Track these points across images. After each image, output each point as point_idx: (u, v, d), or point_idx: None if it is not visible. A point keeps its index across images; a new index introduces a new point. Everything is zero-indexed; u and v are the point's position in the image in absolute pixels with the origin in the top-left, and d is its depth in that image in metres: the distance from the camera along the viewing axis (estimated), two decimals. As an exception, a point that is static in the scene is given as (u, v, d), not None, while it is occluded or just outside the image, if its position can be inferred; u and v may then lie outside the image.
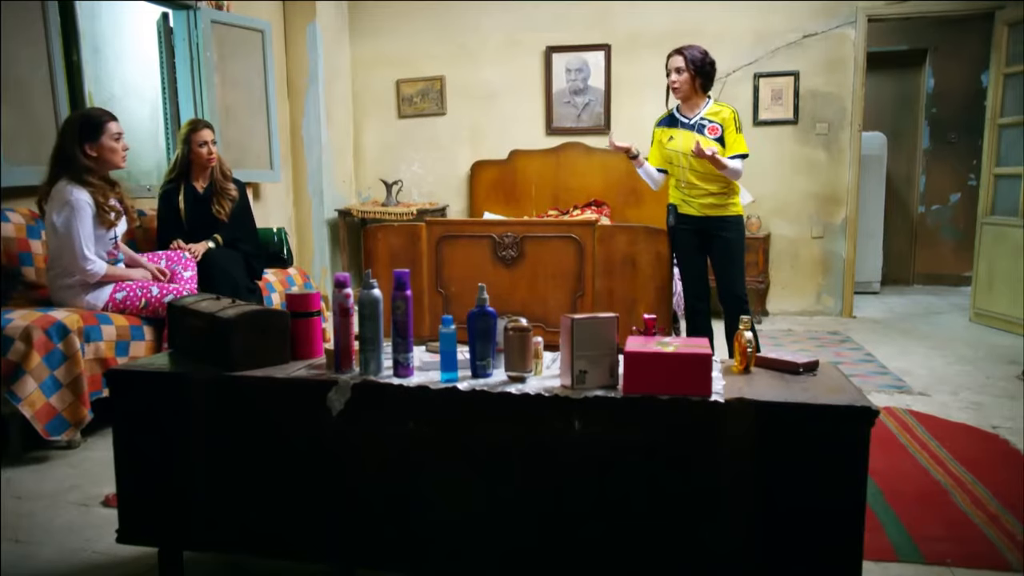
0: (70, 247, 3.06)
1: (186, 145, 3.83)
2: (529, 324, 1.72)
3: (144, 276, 3.36)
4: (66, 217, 3.04)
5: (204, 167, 3.89)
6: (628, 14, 5.81)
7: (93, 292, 3.19)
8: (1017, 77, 5.23)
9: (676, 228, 3.79)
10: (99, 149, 3.12)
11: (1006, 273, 5.24)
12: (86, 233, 3.07)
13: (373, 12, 6.22)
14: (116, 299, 3.22)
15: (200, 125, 3.85)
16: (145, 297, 3.25)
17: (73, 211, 3.04)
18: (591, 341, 1.63)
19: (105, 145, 3.12)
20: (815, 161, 5.70)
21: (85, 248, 3.07)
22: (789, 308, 5.87)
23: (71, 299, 3.17)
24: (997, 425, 3.32)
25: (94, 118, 3.14)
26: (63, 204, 3.04)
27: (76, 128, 3.10)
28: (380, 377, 1.76)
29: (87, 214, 3.07)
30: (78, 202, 3.05)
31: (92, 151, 3.11)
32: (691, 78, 3.60)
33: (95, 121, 3.12)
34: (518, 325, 1.70)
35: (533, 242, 4.00)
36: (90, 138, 3.09)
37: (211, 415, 1.82)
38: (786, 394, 1.60)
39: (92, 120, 3.12)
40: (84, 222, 3.06)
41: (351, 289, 1.80)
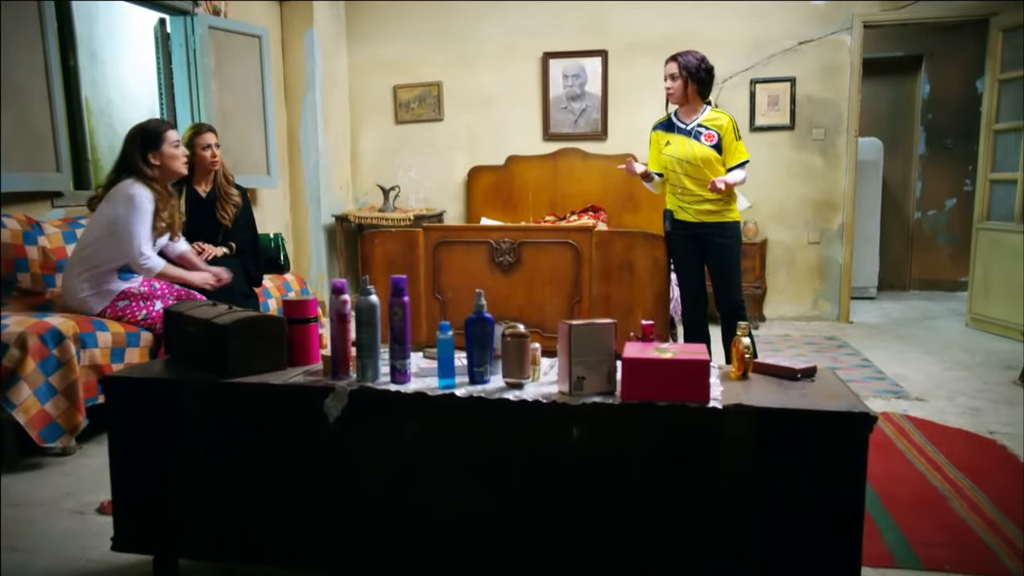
0: (127, 240, 3.07)
1: (189, 148, 3.83)
2: (527, 330, 1.72)
3: (204, 280, 3.37)
4: (127, 211, 3.07)
5: (207, 171, 3.87)
6: (625, 20, 5.82)
7: (97, 295, 3.17)
8: (1012, 83, 5.25)
9: (673, 234, 3.79)
10: (161, 157, 3.20)
11: (1002, 278, 5.25)
12: (145, 229, 3.11)
13: (370, 18, 6.23)
14: (118, 306, 3.21)
15: (203, 129, 3.85)
16: (146, 309, 3.25)
17: (135, 206, 3.07)
18: (589, 347, 1.63)
19: (166, 153, 3.21)
20: (812, 167, 5.71)
21: (143, 242, 3.10)
22: (786, 313, 5.87)
23: (78, 296, 3.15)
24: (994, 430, 3.32)
25: (153, 128, 3.24)
26: (126, 198, 3.09)
27: (138, 139, 3.19)
28: (377, 384, 1.76)
29: (147, 211, 3.12)
30: (141, 198, 3.10)
31: (155, 160, 3.19)
32: (684, 84, 3.61)
33: (155, 130, 3.23)
34: (516, 331, 1.69)
35: (530, 248, 4.00)
36: (152, 147, 3.18)
37: (207, 422, 1.82)
38: (784, 400, 1.60)
39: (152, 130, 3.23)
40: (144, 218, 3.10)
41: (348, 295, 1.79)
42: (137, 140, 3.18)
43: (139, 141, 3.17)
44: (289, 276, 4.68)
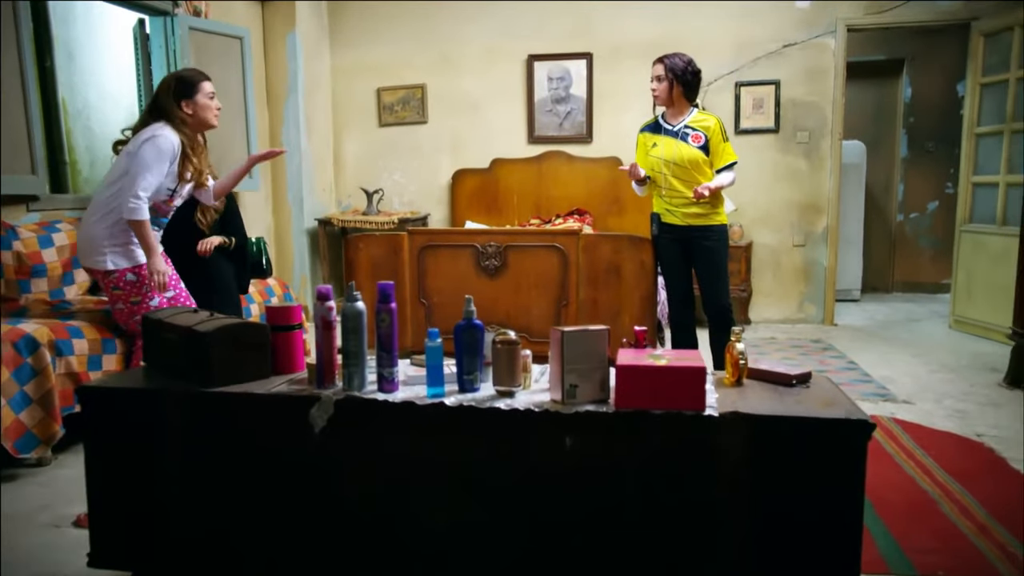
0: (132, 174, 2.88)
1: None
2: (517, 337, 1.68)
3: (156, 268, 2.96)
4: (146, 148, 2.88)
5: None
6: (610, 23, 5.81)
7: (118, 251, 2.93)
8: (993, 87, 5.29)
9: (660, 237, 3.77)
10: (194, 106, 3.06)
11: (985, 281, 5.28)
12: (155, 172, 2.89)
13: (354, 20, 6.17)
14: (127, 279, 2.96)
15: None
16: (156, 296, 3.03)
17: (156, 146, 2.90)
18: (582, 354, 1.59)
19: (200, 103, 3.06)
20: (796, 170, 5.72)
21: (142, 183, 2.86)
22: (771, 316, 5.87)
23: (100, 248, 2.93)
24: (982, 433, 3.32)
25: (189, 76, 3.12)
26: (150, 137, 2.92)
27: (172, 85, 3.06)
28: (364, 393, 1.71)
29: (166, 157, 2.93)
30: (165, 140, 2.93)
31: (187, 108, 3.06)
32: (670, 86, 3.59)
33: (190, 79, 3.10)
34: (506, 338, 1.65)
35: (516, 252, 3.96)
36: (186, 95, 3.03)
37: (187, 433, 1.76)
38: (780, 407, 1.57)
39: (188, 78, 3.10)
40: (159, 160, 2.90)
41: (334, 302, 1.74)
42: (171, 86, 3.03)
43: (174, 87, 3.03)
44: (272, 281, 4.62)
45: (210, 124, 3.15)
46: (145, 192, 2.89)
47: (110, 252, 2.94)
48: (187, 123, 3.05)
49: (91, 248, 2.97)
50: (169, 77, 3.12)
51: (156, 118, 3.02)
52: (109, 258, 2.94)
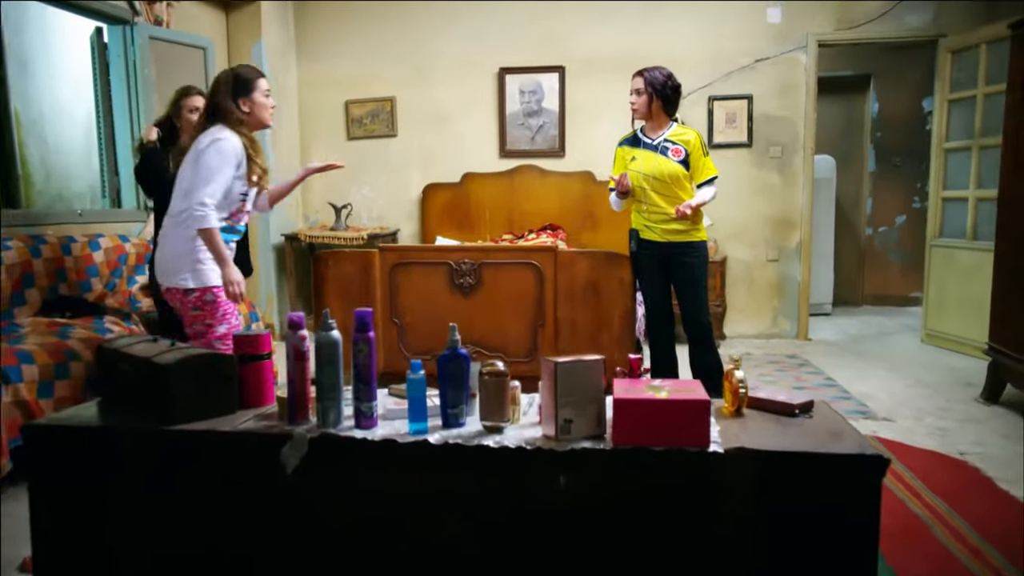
0: (197, 180, 2.71)
1: (175, 109, 3.52)
2: (506, 367, 1.56)
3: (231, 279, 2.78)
4: (207, 153, 2.72)
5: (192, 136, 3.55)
6: (583, 36, 5.76)
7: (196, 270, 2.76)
8: (961, 103, 5.33)
9: (639, 254, 3.69)
10: (252, 105, 2.89)
11: (956, 295, 5.30)
12: (217, 180, 2.73)
13: (322, 31, 6.04)
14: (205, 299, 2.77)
15: (192, 91, 3.54)
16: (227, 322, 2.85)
17: (218, 150, 2.74)
18: (576, 387, 1.49)
19: (258, 101, 2.90)
20: (769, 184, 5.71)
21: (207, 190, 2.70)
22: (746, 331, 5.84)
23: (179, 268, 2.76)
24: (965, 451, 3.28)
25: (246, 73, 2.93)
26: (211, 140, 2.75)
27: (230, 83, 2.88)
28: (340, 429, 1.58)
29: (231, 160, 2.78)
30: (227, 143, 2.76)
31: (245, 106, 2.88)
32: (649, 100, 3.53)
33: (247, 76, 2.92)
34: (494, 369, 1.54)
35: (491, 269, 3.85)
36: (244, 93, 2.87)
37: (145, 474, 1.61)
38: (787, 441, 1.48)
39: (244, 75, 2.92)
40: (223, 167, 2.74)
41: (306, 330, 1.61)
42: (229, 84, 2.86)
43: (231, 86, 2.86)
44: (236, 299, 4.43)
45: (267, 123, 2.99)
46: (211, 199, 2.72)
47: (190, 269, 2.77)
48: (245, 123, 2.89)
49: (170, 266, 2.81)
50: (225, 75, 2.93)
51: (214, 120, 2.86)
52: (190, 276, 2.77)
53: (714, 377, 3.73)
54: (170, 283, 2.82)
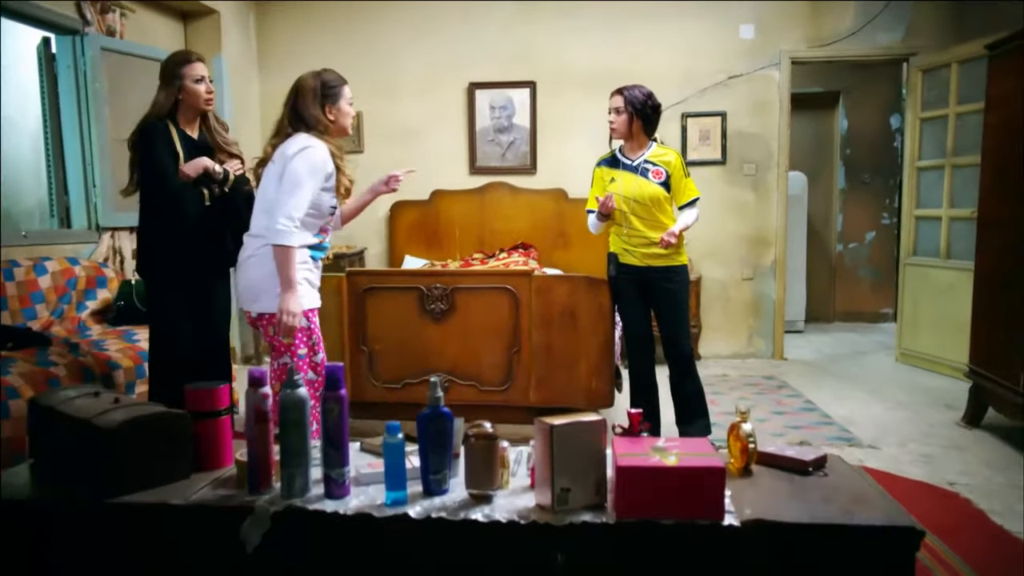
0: (281, 195, 2.50)
1: (176, 80, 2.98)
2: (493, 429, 1.40)
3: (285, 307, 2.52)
4: (296, 162, 2.52)
5: (197, 111, 3.05)
6: (554, 51, 5.64)
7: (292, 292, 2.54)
8: (933, 122, 5.32)
9: (618, 279, 3.56)
10: (337, 113, 2.71)
11: (930, 314, 5.27)
12: (305, 191, 2.53)
13: (285, 44, 5.83)
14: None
15: (193, 57, 3.05)
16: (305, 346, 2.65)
17: (308, 159, 2.53)
18: (575, 452, 1.33)
19: (343, 109, 2.73)
20: (744, 202, 5.64)
21: (294, 202, 2.49)
22: (721, 351, 5.75)
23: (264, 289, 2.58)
24: (953, 481, 3.20)
25: (333, 79, 2.73)
26: (301, 148, 2.55)
27: (318, 89, 2.68)
28: (308, 500, 1.41)
29: (320, 171, 2.58)
30: (317, 152, 2.57)
31: (331, 114, 2.69)
32: (629, 120, 3.41)
33: (334, 82, 2.72)
34: (482, 432, 1.38)
35: (464, 294, 3.69)
36: (331, 99, 2.69)
37: (84, 554, 1.42)
38: (807, 509, 1.34)
39: (331, 81, 2.72)
40: (312, 178, 2.55)
41: (269, 387, 1.44)
42: (317, 91, 2.67)
43: (319, 92, 2.67)
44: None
45: (347, 132, 2.81)
46: (298, 213, 2.52)
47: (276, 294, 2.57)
48: (330, 131, 2.69)
49: (257, 289, 2.61)
50: (311, 79, 2.72)
51: (297, 127, 2.65)
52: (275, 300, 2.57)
53: (695, 403, 3.62)
54: (258, 308, 2.62)
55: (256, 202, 2.73)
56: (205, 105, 3.04)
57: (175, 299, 3.00)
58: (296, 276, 2.55)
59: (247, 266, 2.67)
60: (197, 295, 3.07)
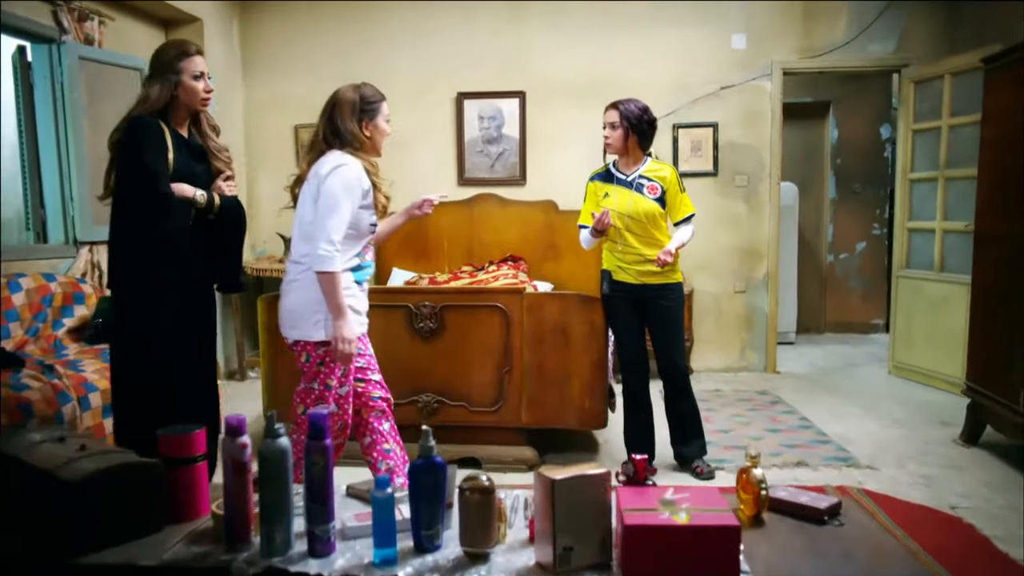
0: (319, 218, 2.41)
1: (173, 75, 2.62)
2: (490, 481, 1.31)
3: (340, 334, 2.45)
4: (330, 182, 2.42)
5: (190, 109, 2.70)
6: (544, 61, 5.56)
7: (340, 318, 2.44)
8: (925, 133, 5.28)
9: (611, 296, 3.47)
10: (374, 130, 2.61)
11: (924, 327, 5.22)
12: (342, 212, 2.43)
13: (270, 52, 5.72)
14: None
15: (192, 49, 2.69)
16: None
17: (341, 178, 2.43)
18: (578, 507, 1.24)
19: (380, 127, 2.64)
20: (736, 214, 5.58)
21: (333, 225, 2.40)
22: (713, 365, 5.68)
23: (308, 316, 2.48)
24: (955, 505, 3.13)
25: (371, 95, 2.64)
26: (333, 167, 2.45)
27: (357, 104, 2.58)
28: (290, 560, 1.30)
29: (356, 188, 2.48)
30: (350, 169, 2.47)
31: (367, 130, 2.59)
32: (625, 134, 3.33)
33: (372, 98, 2.63)
34: (478, 484, 1.28)
35: (454, 312, 3.59)
36: (368, 115, 2.59)
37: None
38: (828, 568, 1.26)
39: (370, 96, 2.63)
40: (348, 197, 2.44)
41: (248, 436, 1.33)
42: (355, 105, 2.58)
43: (357, 106, 2.58)
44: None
45: (380, 152, 2.70)
46: (338, 235, 2.41)
47: (325, 317, 2.47)
48: (365, 148, 2.59)
49: (298, 315, 2.51)
50: (350, 92, 2.61)
51: (332, 143, 2.55)
52: (324, 325, 2.47)
53: (690, 423, 3.54)
54: (296, 335, 2.52)
55: (294, 225, 2.62)
56: (202, 105, 2.70)
57: (162, 315, 2.60)
58: (344, 302, 2.46)
59: (288, 291, 2.58)
60: (185, 312, 2.70)
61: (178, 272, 2.64)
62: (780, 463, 3.64)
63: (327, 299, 2.44)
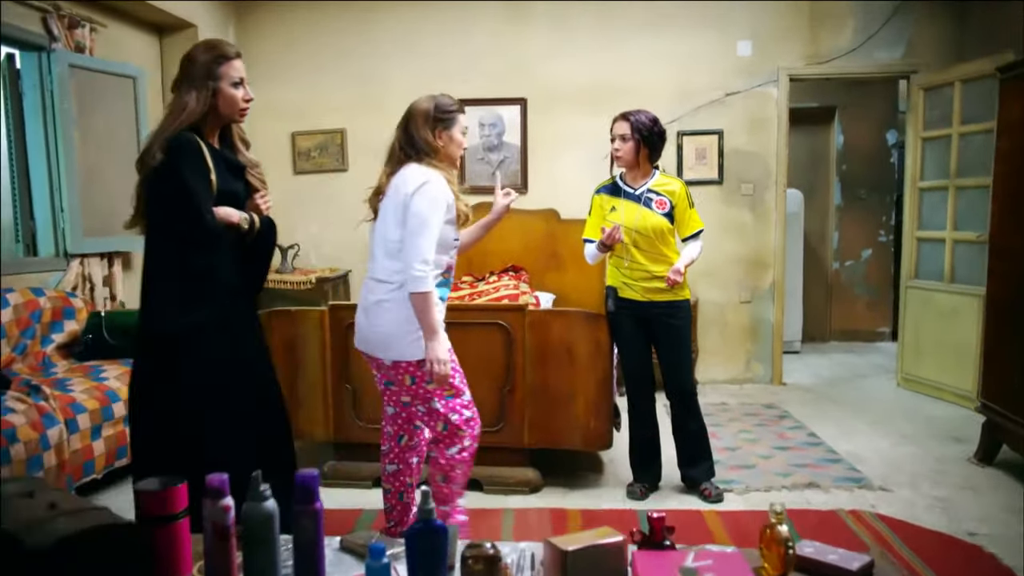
0: (410, 237, 2.36)
1: (211, 81, 2.27)
2: (494, 549, 1.20)
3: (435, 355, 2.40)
4: (417, 200, 2.37)
5: (228, 121, 2.39)
6: (545, 67, 5.46)
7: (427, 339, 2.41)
8: (935, 141, 5.17)
9: (617, 314, 3.37)
10: (449, 140, 2.53)
11: (933, 338, 5.12)
12: (433, 229, 2.39)
13: (266, 58, 5.61)
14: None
15: (231, 52, 2.35)
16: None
17: (428, 195, 2.38)
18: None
19: (456, 138, 2.55)
20: (741, 223, 5.47)
21: (426, 243, 2.36)
22: (718, 376, 5.57)
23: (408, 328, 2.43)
24: (974, 532, 3.02)
25: (447, 104, 2.55)
26: (420, 183, 2.39)
27: (431, 114, 2.51)
28: (277, 635, 1.20)
29: (442, 204, 2.43)
30: (435, 185, 2.41)
31: (441, 140, 2.52)
32: (636, 147, 3.22)
33: (448, 107, 2.54)
34: (482, 553, 1.17)
35: (454, 330, 3.42)
36: (444, 125, 2.52)
37: None
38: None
39: (446, 106, 2.54)
40: (435, 213, 2.40)
41: (231, 498, 1.23)
42: (429, 115, 2.51)
43: (431, 115, 2.50)
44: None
45: (456, 164, 2.62)
46: (430, 254, 2.38)
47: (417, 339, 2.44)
48: (439, 156, 2.51)
49: (394, 336, 2.46)
50: (425, 102, 2.53)
51: (408, 153, 2.48)
52: (421, 343, 2.43)
53: (698, 444, 3.43)
54: (393, 356, 2.47)
55: (376, 242, 2.55)
56: (240, 116, 2.39)
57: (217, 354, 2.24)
58: (436, 321, 2.42)
59: (377, 312, 2.51)
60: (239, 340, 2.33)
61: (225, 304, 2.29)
62: (790, 484, 3.54)
63: (421, 319, 2.40)
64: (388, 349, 2.50)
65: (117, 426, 3.42)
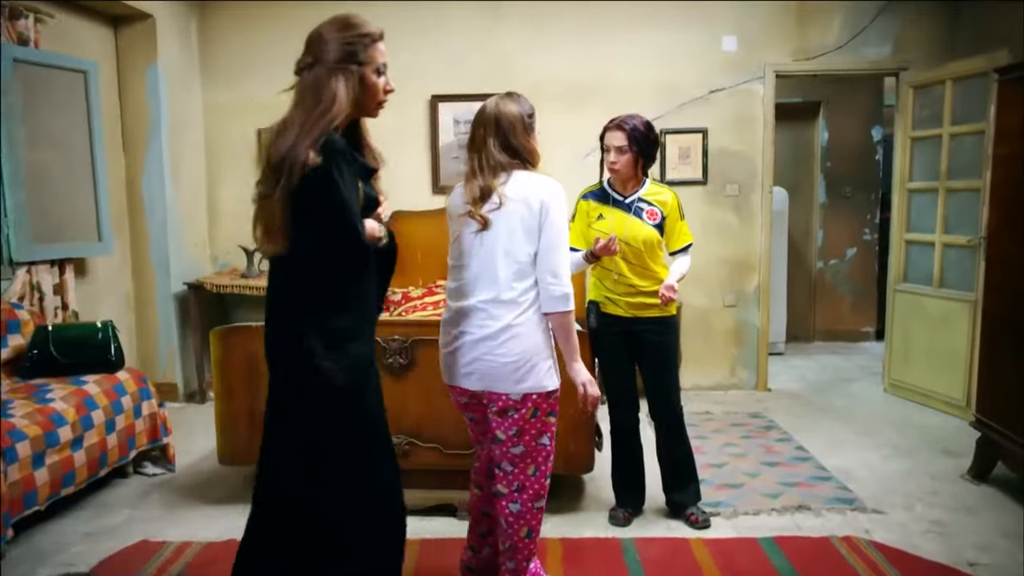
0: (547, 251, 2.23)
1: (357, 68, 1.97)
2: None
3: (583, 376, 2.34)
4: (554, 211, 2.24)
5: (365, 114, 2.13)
6: (524, 63, 5.23)
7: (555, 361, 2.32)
8: (924, 141, 5.03)
9: (600, 330, 3.18)
10: (535, 143, 2.36)
11: (922, 344, 4.99)
12: (567, 244, 2.32)
13: (230, 52, 5.34)
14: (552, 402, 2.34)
15: (378, 32, 2.09)
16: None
17: (562, 204, 2.27)
18: None
19: (538, 139, 2.39)
20: (726, 224, 5.30)
21: (563, 259, 2.26)
22: (702, 382, 5.41)
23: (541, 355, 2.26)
24: (974, 561, 2.88)
25: (532, 108, 2.38)
26: (552, 191, 2.26)
27: (524, 118, 2.31)
28: None
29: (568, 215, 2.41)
30: (563, 194, 2.30)
31: (537, 145, 2.37)
32: (635, 159, 3.01)
33: (532, 109, 2.38)
34: None
35: (426, 347, 3.27)
36: (532, 129, 2.36)
37: None
38: None
39: (533, 109, 2.38)
40: (567, 224, 2.32)
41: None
42: (532, 120, 2.34)
43: (526, 120, 2.31)
44: (123, 374, 3.74)
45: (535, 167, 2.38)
46: (569, 271, 2.26)
47: (552, 364, 2.29)
48: (535, 165, 2.34)
49: (525, 365, 2.22)
50: (514, 107, 2.31)
51: (514, 163, 2.29)
52: (553, 373, 2.29)
53: (684, 468, 3.25)
54: (525, 388, 2.24)
55: (492, 260, 2.26)
56: (377, 110, 2.11)
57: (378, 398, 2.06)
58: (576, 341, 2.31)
59: (505, 339, 2.23)
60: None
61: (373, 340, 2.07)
62: (780, 507, 3.38)
63: (565, 340, 2.27)
64: (520, 381, 2.23)
65: (63, 451, 3.18)
